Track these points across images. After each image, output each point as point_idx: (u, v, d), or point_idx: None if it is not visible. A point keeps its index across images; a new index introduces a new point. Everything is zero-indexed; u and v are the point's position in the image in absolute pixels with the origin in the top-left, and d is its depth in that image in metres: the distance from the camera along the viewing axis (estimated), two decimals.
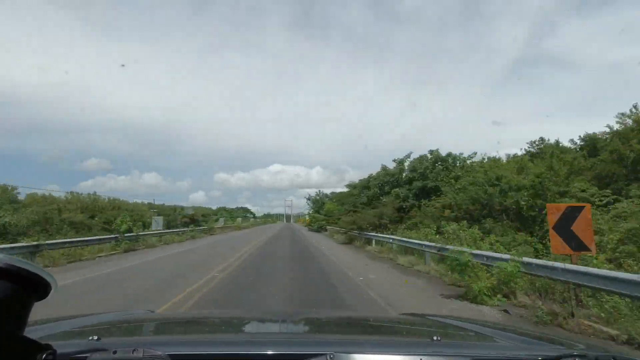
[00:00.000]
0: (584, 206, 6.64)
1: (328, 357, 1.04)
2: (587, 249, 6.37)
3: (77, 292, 7.73)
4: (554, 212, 6.54)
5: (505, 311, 6.47)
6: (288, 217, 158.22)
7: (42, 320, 1.68)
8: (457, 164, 23.94)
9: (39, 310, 0.96)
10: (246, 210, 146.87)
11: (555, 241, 6.41)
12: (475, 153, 24.06)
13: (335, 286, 8.59)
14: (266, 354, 1.12)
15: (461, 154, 24.52)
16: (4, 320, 0.70)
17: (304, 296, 7.59)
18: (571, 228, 6.37)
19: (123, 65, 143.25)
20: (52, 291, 0.81)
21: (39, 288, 0.78)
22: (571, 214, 6.43)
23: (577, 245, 6.34)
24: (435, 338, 1.37)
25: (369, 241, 20.65)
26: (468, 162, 23.63)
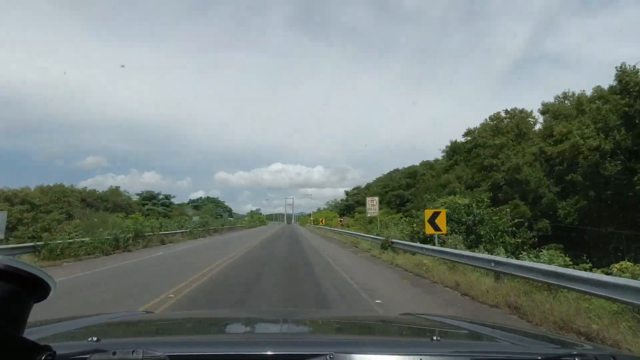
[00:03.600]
0: None
1: (328, 358, 1.03)
2: None
3: None
4: None
5: None
6: (289, 218, 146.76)
7: (41, 321, 1.68)
8: None
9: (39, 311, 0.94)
10: (217, 203, 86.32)
11: None
12: None
13: None
14: (266, 354, 1.12)
15: None
16: (2, 321, 0.70)
17: None
18: None
19: (123, 66, 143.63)
20: (51, 292, 0.81)
21: (38, 289, 0.78)
22: None
23: None
24: (434, 338, 1.37)
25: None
26: None
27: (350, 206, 69.74)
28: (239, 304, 6.88)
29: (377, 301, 7.16)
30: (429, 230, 12.63)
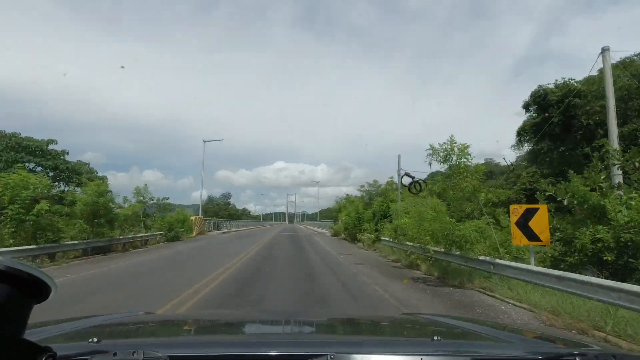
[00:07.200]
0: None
1: (328, 358, 1.03)
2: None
3: None
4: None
5: None
6: (291, 217, 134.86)
7: (42, 322, 1.68)
8: None
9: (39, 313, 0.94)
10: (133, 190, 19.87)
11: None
12: None
13: None
14: (267, 354, 1.12)
15: None
16: (3, 323, 0.70)
17: None
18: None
19: (122, 67, 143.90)
20: (51, 294, 0.81)
21: (38, 291, 0.78)
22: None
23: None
24: (435, 338, 1.37)
25: None
26: None
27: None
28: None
29: None
30: None
